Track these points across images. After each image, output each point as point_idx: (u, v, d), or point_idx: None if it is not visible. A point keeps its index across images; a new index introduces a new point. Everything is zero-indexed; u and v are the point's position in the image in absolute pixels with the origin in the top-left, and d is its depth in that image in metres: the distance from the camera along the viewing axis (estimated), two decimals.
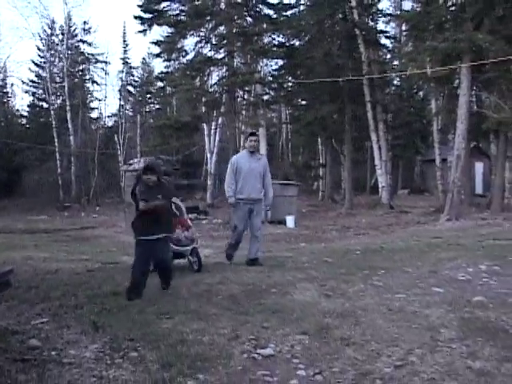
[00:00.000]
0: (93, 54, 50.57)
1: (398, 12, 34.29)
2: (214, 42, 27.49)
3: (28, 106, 52.00)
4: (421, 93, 36.87)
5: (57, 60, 48.90)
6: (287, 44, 29.89)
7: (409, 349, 4.72)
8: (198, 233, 10.16)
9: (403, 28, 30.65)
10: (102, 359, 4.57)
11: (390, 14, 35.32)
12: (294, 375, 4.27)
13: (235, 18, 26.75)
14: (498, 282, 7.26)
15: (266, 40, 28.46)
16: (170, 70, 30.00)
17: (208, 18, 26.75)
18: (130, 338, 4.99)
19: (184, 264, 9.33)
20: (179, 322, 5.52)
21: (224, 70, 27.64)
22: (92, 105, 54.17)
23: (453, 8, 22.81)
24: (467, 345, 4.78)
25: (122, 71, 54.42)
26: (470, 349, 4.69)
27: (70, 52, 47.98)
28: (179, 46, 27.88)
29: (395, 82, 36.36)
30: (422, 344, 4.82)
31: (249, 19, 27.74)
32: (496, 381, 4.07)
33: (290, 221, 22.04)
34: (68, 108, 43.40)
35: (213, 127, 37.98)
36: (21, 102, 62.25)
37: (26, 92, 51.05)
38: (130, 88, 55.88)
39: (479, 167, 35.23)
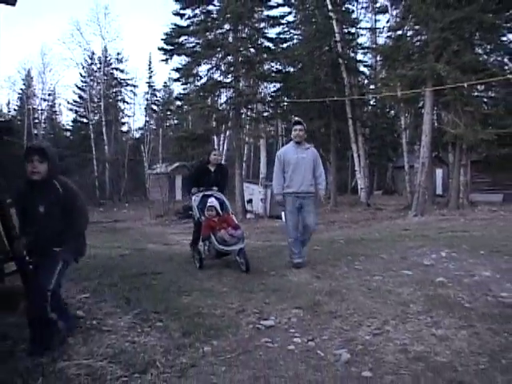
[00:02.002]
0: (124, 79, 51.03)
1: (374, 45, 34.18)
2: (223, 69, 27.46)
3: (72, 121, 52.38)
4: (392, 111, 36.73)
5: (95, 84, 49.21)
6: (283, 70, 29.92)
7: (384, 320, 4.76)
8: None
9: (378, 58, 30.59)
10: (134, 328, 4.62)
11: (367, 47, 35.24)
12: (291, 342, 4.32)
13: (241, 49, 26.73)
14: (455, 265, 7.26)
15: (266, 67, 28.41)
16: (186, 91, 29.91)
17: (218, 49, 26.73)
18: (156, 311, 5.03)
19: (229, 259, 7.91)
20: (196, 298, 5.58)
21: (231, 91, 27.58)
22: (123, 120, 54.64)
23: (418, 43, 22.83)
24: (431, 316, 4.84)
25: (148, 93, 54.75)
26: (434, 319, 4.74)
27: (105, 77, 48.46)
28: (194, 72, 27.85)
29: (371, 103, 36.18)
30: (395, 316, 4.87)
31: (252, 50, 27.67)
32: (454, 344, 4.14)
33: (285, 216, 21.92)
34: (104, 123, 43.91)
35: (221, 138, 38.15)
36: (66, 118, 62.62)
37: (70, 110, 51.70)
38: (154, 106, 55.92)
39: (439, 172, 35.17)
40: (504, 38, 22.13)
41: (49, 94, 53.36)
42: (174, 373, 3.67)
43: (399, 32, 23.87)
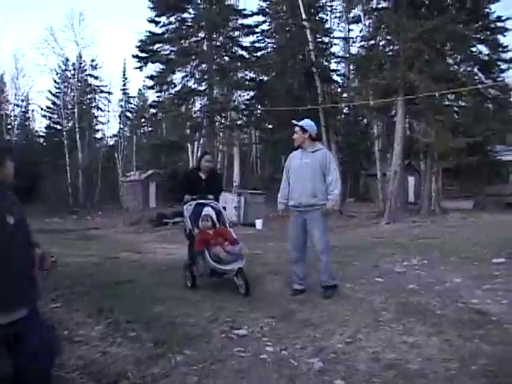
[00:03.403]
0: (98, 86, 50.49)
1: (347, 55, 34.51)
2: (197, 77, 27.56)
3: (45, 127, 51.74)
4: (365, 120, 37.04)
5: (69, 90, 48.64)
6: (257, 79, 30.10)
7: (356, 328, 4.77)
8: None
9: (351, 67, 30.87)
10: (106, 338, 4.57)
11: (340, 56, 35.58)
12: (264, 351, 4.30)
13: (215, 57, 26.86)
14: (426, 273, 7.35)
15: (239, 75, 28.57)
16: (161, 99, 29.85)
17: (193, 57, 26.84)
18: (129, 320, 4.97)
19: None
20: (169, 307, 5.53)
21: (205, 99, 27.69)
22: (97, 127, 54.00)
23: (390, 53, 23.15)
24: (403, 324, 4.87)
25: (122, 100, 54.32)
26: (405, 327, 4.78)
27: (79, 84, 47.98)
28: (169, 79, 27.90)
29: (344, 111, 36.51)
30: (367, 324, 4.89)
31: (226, 58, 27.85)
32: (425, 351, 4.18)
33: (259, 223, 21.90)
34: (77, 130, 43.49)
35: (195, 146, 38.05)
36: (39, 124, 61.83)
37: (44, 116, 50.82)
38: (128, 114, 55.53)
39: (411, 180, 35.49)
40: (474, 49, 22.62)
41: (22, 100, 52.60)
42: None
43: (372, 42, 24.13)
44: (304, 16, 29.81)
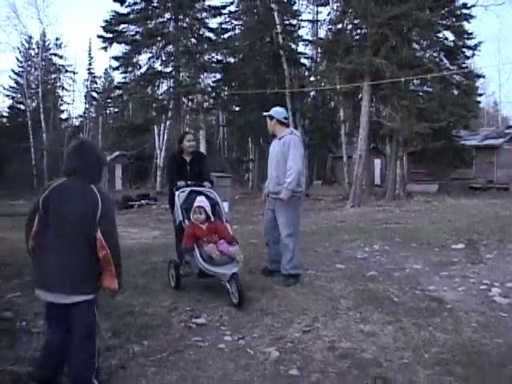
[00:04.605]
0: (63, 65, 49.81)
1: (315, 38, 34.47)
2: (163, 58, 27.26)
3: (8, 107, 50.67)
4: (332, 103, 37.16)
5: (33, 70, 47.85)
6: (224, 61, 29.86)
7: (314, 317, 4.83)
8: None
9: (319, 50, 30.84)
10: None
11: (308, 40, 35.49)
12: (222, 340, 4.33)
13: (181, 39, 26.56)
14: (387, 259, 7.45)
15: (206, 57, 28.25)
16: (126, 80, 29.43)
17: (159, 38, 26.49)
18: None
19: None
20: (128, 296, 5.46)
21: (171, 81, 27.41)
22: (62, 107, 53.26)
23: (357, 37, 23.23)
24: (360, 312, 4.95)
25: (88, 80, 53.56)
26: (363, 315, 4.86)
27: (44, 63, 47.05)
28: (134, 60, 27.51)
29: (311, 94, 36.55)
30: (326, 312, 4.95)
31: (193, 40, 27.56)
32: (380, 340, 4.26)
33: (225, 206, 21.87)
34: (42, 110, 42.71)
35: (162, 128, 37.80)
36: (2, 104, 60.36)
37: (7, 96, 49.91)
38: (94, 94, 54.76)
39: (378, 163, 35.86)
40: (440, 35, 22.81)
41: None
42: (102, 375, 3.61)
43: (339, 25, 24.12)
44: None
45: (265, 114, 6.46)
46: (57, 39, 48.46)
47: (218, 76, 30.71)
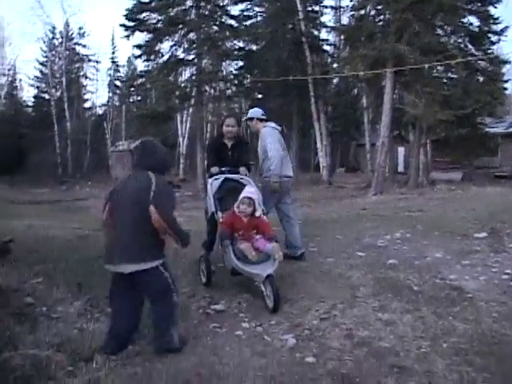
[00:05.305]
0: (86, 55, 50.04)
1: (338, 24, 34.12)
2: (185, 46, 27.22)
3: (33, 97, 51.32)
4: (355, 90, 36.81)
5: (57, 59, 48.13)
6: (246, 48, 29.72)
7: (333, 304, 4.81)
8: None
9: (341, 37, 30.53)
10: (84, 314, 4.59)
11: (330, 26, 35.12)
12: (240, 327, 4.35)
13: (203, 26, 26.46)
14: (408, 247, 7.37)
15: (228, 45, 28.15)
16: (149, 68, 29.49)
17: (180, 26, 26.43)
18: (107, 296, 4.94)
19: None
20: None
21: (193, 69, 27.40)
22: (85, 96, 53.68)
23: (380, 23, 22.95)
24: (379, 300, 4.91)
25: (111, 69, 53.76)
26: (381, 303, 4.82)
27: (67, 53, 47.44)
28: (157, 48, 27.48)
29: (334, 81, 36.23)
30: (344, 300, 4.92)
31: (214, 27, 27.44)
32: (398, 329, 4.22)
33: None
34: (66, 99, 43.11)
35: (184, 116, 37.90)
36: (27, 94, 61.10)
37: (32, 86, 50.54)
38: (117, 83, 54.94)
39: (401, 150, 35.57)
40: (464, 20, 22.38)
41: (9, 69, 51.97)
42: (120, 360, 3.67)
43: (362, 11, 23.84)
44: None
45: (244, 119, 6.88)
46: (80, 29, 48.76)
47: (241, 63, 30.66)
